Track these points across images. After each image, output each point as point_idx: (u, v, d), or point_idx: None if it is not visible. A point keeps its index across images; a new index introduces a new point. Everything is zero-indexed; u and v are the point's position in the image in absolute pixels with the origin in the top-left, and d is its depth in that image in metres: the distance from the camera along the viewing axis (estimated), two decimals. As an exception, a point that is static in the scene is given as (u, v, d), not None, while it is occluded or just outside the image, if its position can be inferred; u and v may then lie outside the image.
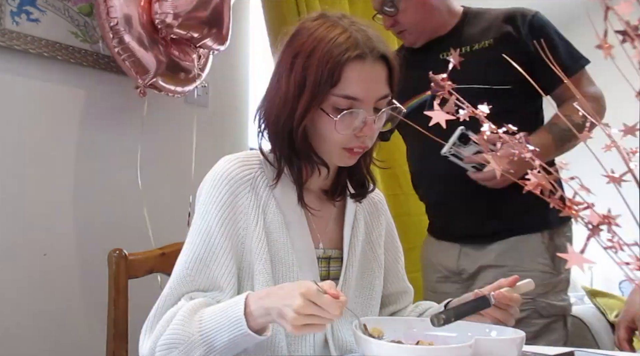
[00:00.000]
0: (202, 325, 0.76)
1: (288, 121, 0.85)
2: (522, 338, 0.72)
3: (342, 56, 0.81)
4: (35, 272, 1.36)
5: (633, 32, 0.35)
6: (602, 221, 0.38)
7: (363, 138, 0.86)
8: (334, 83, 0.82)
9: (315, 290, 0.67)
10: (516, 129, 0.46)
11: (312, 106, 0.83)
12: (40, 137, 1.40)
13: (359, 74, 0.83)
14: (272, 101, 0.88)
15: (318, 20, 0.87)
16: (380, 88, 0.86)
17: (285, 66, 0.86)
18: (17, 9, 1.34)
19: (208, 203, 0.86)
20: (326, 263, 0.94)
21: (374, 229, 1.02)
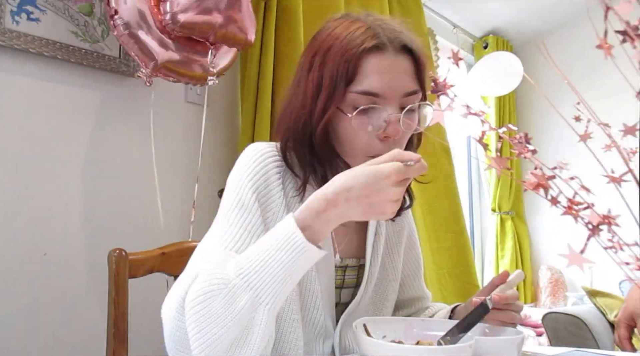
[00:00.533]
0: (240, 267, 0.62)
1: (307, 123, 0.79)
2: (522, 338, 0.72)
3: (358, 48, 0.74)
4: (35, 272, 1.36)
5: (633, 32, 0.35)
6: (602, 221, 0.38)
7: (389, 142, 0.76)
8: (351, 78, 0.75)
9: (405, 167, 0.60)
10: (516, 129, 0.46)
11: (329, 106, 0.76)
12: (40, 137, 1.40)
13: (378, 66, 0.75)
14: (292, 105, 0.82)
15: (340, 19, 0.82)
16: (405, 82, 0.77)
17: (304, 67, 0.81)
18: (17, 8, 1.34)
19: (241, 181, 0.78)
20: (342, 272, 0.90)
21: (395, 237, 0.98)
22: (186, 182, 1.70)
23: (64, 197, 1.43)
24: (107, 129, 1.54)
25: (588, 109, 0.43)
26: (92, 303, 1.43)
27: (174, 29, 1.34)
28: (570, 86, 0.44)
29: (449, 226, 2.59)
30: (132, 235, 1.54)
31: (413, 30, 0.83)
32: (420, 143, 0.90)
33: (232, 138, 1.90)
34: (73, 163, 1.45)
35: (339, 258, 0.88)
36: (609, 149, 0.42)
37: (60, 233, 1.41)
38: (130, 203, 1.55)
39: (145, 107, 1.63)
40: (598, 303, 2.32)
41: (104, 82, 1.53)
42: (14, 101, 1.35)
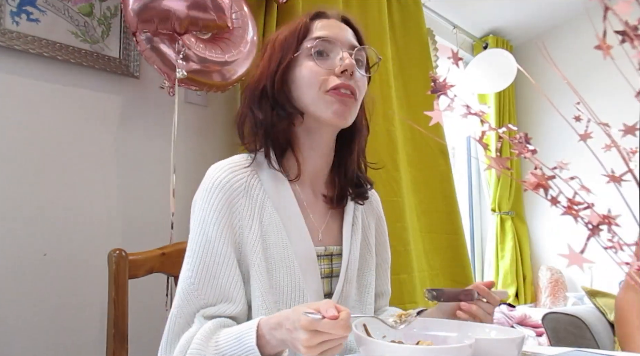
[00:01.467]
0: (217, 351, 0.74)
1: (263, 81, 0.87)
2: (522, 338, 0.72)
3: (305, 17, 0.88)
4: (35, 272, 1.36)
5: (632, 32, 0.35)
6: (602, 221, 0.38)
7: (346, 75, 0.84)
8: (303, 36, 0.86)
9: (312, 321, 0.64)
10: (516, 129, 0.46)
11: (283, 60, 0.86)
12: (40, 137, 1.40)
13: (325, 24, 0.88)
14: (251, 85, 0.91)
15: None
16: (350, 38, 0.89)
17: (260, 56, 0.93)
18: (17, 9, 1.34)
19: (204, 214, 0.83)
20: (328, 260, 0.92)
21: (370, 228, 1.02)
22: (186, 182, 1.69)
23: (64, 197, 1.43)
24: (106, 129, 1.53)
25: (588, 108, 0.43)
26: (92, 303, 1.43)
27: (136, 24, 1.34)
28: (570, 86, 0.44)
29: (444, 227, 2.59)
30: (132, 235, 1.54)
31: (412, 31, 0.93)
32: (369, 131, 0.98)
33: (232, 138, 1.90)
34: (73, 163, 1.45)
35: (322, 245, 0.91)
36: (608, 149, 0.42)
37: (60, 233, 1.41)
38: (130, 203, 1.55)
39: (145, 107, 1.63)
40: (598, 303, 2.33)
41: (103, 83, 1.53)
42: (14, 102, 1.35)
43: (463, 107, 0.48)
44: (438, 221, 2.58)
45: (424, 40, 2.72)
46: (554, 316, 2.27)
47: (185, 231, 1.60)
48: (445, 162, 2.65)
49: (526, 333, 2.76)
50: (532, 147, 0.45)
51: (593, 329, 2.13)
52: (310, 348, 0.65)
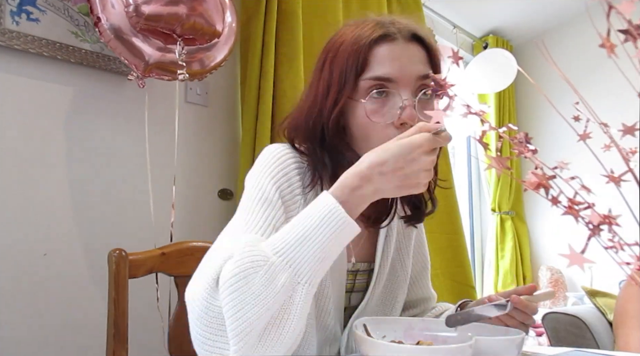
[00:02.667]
0: (275, 246, 0.60)
1: (318, 120, 0.78)
2: (522, 338, 0.72)
3: (367, 39, 0.74)
4: (35, 272, 1.36)
5: (636, 31, 0.35)
6: (602, 221, 0.38)
7: (405, 129, 0.72)
8: (361, 68, 0.74)
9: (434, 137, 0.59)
10: (516, 128, 0.46)
11: (340, 97, 0.75)
12: (40, 137, 1.40)
13: (389, 53, 0.74)
14: (303, 105, 0.82)
15: (351, 22, 0.82)
16: (417, 66, 0.75)
17: (317, 68, 0.81)
18: (17, 8, 1.34)
19: (264, 178, 0.76)
20: (353, 276, 0.89)
21: (405, 240, 0.98)
22: (186, 182, 1.70)
23: (64, 197, 1.43)
24: (106, 129, 1.53)
25: (588, 108, 0.43)
26: (92, 303, 1.43)
27: (138, 22, 1.32)
28: (570, 85, 0.44)
29: (444, 227, 2.59)
30: (133, 235, 1.53)
31: None
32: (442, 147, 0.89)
33: (232, 138, 1.90)
34: (73, 163, 1.45)
35: (353, 261, 0.87)
36: (608, 149, 0.42)
37: (60, 233, 1.41)
38: (130, 204, 1.55)
39: (145, 107, 1.63)
40: (598, 303, 2.33)
41: (104, 83, 1.53)
42: (14, 101, 1.35)
43: (463, 106, 0.48)
44: (438, 221, 2.58)
45: (424, 40, 2.71)
46: (554, 316, 2.27)
47: (185, 231, 1.61)
48: (445, 161, 2.64)
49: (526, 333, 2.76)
50: (533, 147, 0.45)
51: (593, 329, 2.14)
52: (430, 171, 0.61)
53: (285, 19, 1.88)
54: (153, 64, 1.35)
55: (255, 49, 1.81)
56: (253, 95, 1.80)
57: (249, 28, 1.85)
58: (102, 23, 1.29)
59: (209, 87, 1.83)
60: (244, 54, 1.87)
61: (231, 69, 1.92)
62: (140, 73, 1.35)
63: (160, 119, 1.67)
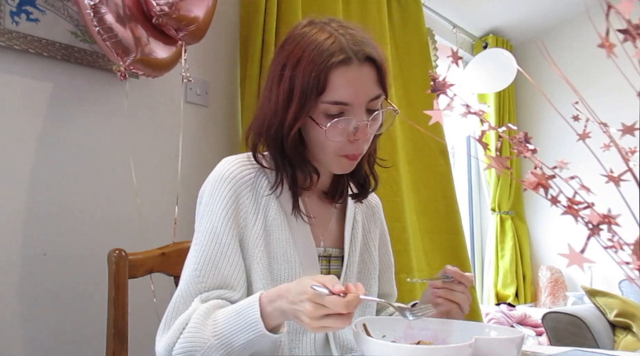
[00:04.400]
0: (216, 329, 0.76)
1: (279, 131, 0.85)
2: (521, 337, 0.72)
3: (326, 63, 0.80)
4: (35, 272, 1.36)
5: (635, 31, 0.35)
6: (602, 221, 0.38)
7: (357, 144, 0.84)
8: (321, 90, 0.81)
9: (318, 294, 0.66)
10: (516, 128, 0.46)
11: (300, 115, 0.82)
12: (40, 137, 1.40)
13: (345, 78, 0.81)
14: (264, 111, 0.88)
15: (306, 27, 0.87)
16: (370, 89, 0.84)
17: (275, 76, 0.86)
18: (16, 8, 1.34)
19: (212, 203, 0.86)
20: (327, 262, 0.95)
21: (371, 232, 1.04)
22: (186, 182, 1.69)
23: (64, 197, 1.43)
24: (106, 129, 1.53)
25: (587, 108, 0.43)
26: (92, 303, 1.43)
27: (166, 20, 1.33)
28: (570, 85, 0.44)
29: (444, 227, 2.59)
30: (132, 235, 1.53)
31: (412, 31, 0.89)
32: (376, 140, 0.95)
33: (232, 138, 1.90)
34: (74, 163, 1.45)
35: (322, 245, 0.94)
36: (607, 149, 0.42)
37: (60, 233, 1.41)
38: (130, 204, 1.55)
39: (145, 107, 1.63)
40: (598, 303, 2.33)
41: (104, 83, 1.53)
42: (14, 101, 1.35)
43: (463, 106, 0.48)
44: (438, 220, 2.58)
45: (424, 40, 2.71)
46: (554, 315, 2.27)
47: (185, 231, 1.60)
48: (445, 161, 2.64)
49: (526, 333, 2.76)
50: (532, 147, 0.45)
51: (593, 328, 2.14)
52: (313, 320, 0.67)
53: (285, 18, 1.88)
54: (138, 59, 1.35)
55: (255, 49, 1.81)
56: (253, 95, 1.80)
57: (249, 28, 1.85)
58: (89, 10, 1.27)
59: (209, 87, 1.83)
60: (243, 53, 1.87)
61: (231, 69, 1.92)
62: (125, 65, 1.34)
63: (162, 119, 1.67)
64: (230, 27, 1.88)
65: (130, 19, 1.34)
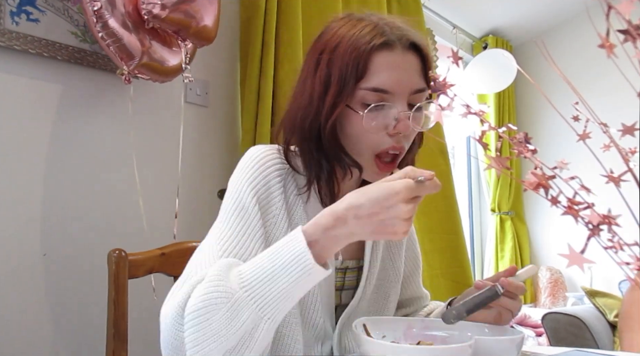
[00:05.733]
0: (243, 278, 0.61)
1: (315, 122, 0.78)
2: (521, 338, 0.72)
3: (367, 45, 0.74)
4: (35, 272, 1.36)
5: (635, 32, 0.35)
6: (602, 221, 0.38)
7: (398, 138, 0.77)
8: (360, 75, 0.74)
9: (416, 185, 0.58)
10: (516, 128, 0.46)
11: (338, 102, 0.75)
12: (40, 137, 1.40)
13: (387, 63, 0.75)
14: (298, 103, 0.81)
15: (344, 18, 0.82)
16: (414, 80, 0.77)
17: (311, 65, 0.80)
18: (16, 9, 1.34)
19: (241, 184, 0.78)
20: (342, 274, 0.90)
21: (396, 241, 0.98)
22: (186, 182, 1.70)
23: (64, 197, 1.43)
24: (107, 129, 1.53)
25: (587, 108, 0.43)
26: (92, 303, 1.43)
27: (152, 22, 1.33)
28: (570, 85, 0.44)
29: (443, 227, 2.59)
30: (133, 235, 1.53)
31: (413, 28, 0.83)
32: (422, 142, 0.89)
33: (232, 138, 1.90)
34: (74, 164, 1.45)
35: (340, 258, 0.88)
36: (607, 149, 0.42)
37: (60, 233, 1.41)
38: (131, 203, 1.55)
39: (145, 107, 1.63)
40: (597, 303, 2.33)
41: (104, 83, 1.53)
42: (14, 102, 1.35)
43: (463, 106, 0.48)
44: (438, 221, 2.58)
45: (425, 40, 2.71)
46: (554, 316, 2.27)
47: (185, 231, 1.61)
48: (444, 161, 2.64)
49: (526, 333, 2.76)
50: (532, 147, 0.45)
51: (593, 329, 2.14)
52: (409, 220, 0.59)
53: (285, 18, 1.88)
54: (143, 64, 1.35)
55: (255, 49, 1.81)
56: (253, 95, 1.80)
57: (249, 28, 1.85)
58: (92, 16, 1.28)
59: (209, 87, 1.83)
60: (243, 54, 1.87)
61: (231, 69, 1.92)
62: (129, 69, 1.34)
63: (162, 120, 1.67)
64: (230, 27, 1.88)
65: (134, 24, 1.34)
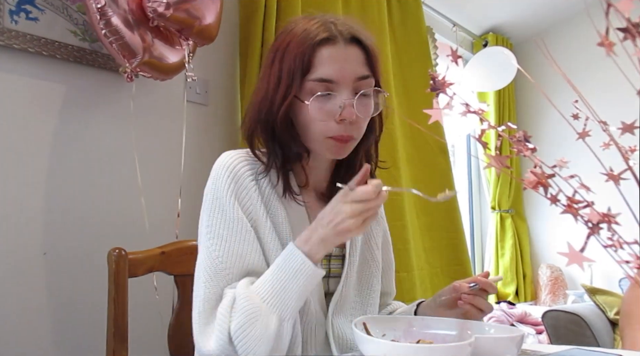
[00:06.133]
0: (261, 293, 0.76)
1: (269, 114, 0.86)
2: (521, 336, 0.72)
3: (312, 41, 0.82)
4: (35, 272, 1.36)
5: (634, 30, 0.35)
6: (602, 220, 0.38)
7: (345, 125, 0.83)
8: (306, 69, 0.82)
9: (349, 191, 0.73)
10: (515, 127, 0.46)
11: (288, 94, 0.83)
12: (40, 137, 1.40)
13: (330, 56, 0.82)
14: (256, 98, 0.89)
15: (299, 19, 0.89)
16: (356, 69, 0.84)
17: (267, 63, 0.89)
18: (15, 7, 1.34)
19: (217, 195, 0.85)
20: (327, 261, 0.94)
21: (372, 231, 1.03)
22: (186, 181, 1.69)
23: (65, 196, 1.43)
24: (107, 128, 1.53)
25: (587, 106, 0.43)
26: (92, 303, 1.43)
27: (157, 19, 1.33)
28: (569, 83, 0.44)
29: (444, 225, 2.59)
30: (134, 234, 1.53)
31: (411, 29, 0.90)
32: (382, 129, 0.95)
33: (232, 137, 1.90)
34: (75, 162, 1.45)
35: None
36: (607, 147, 0.42)
37: (60, 233, 1.41)
38: (131, 203, 1.55)
39: (147, 106, 1.63)
40: (598, 301, 2.33)
41: (104, 82, 1.53)
42: (13, 101, 1.35)
43: (462, 105, 0.48)
44: (438, 219, 2.58)
45: (424, 38, 2.71)
46: (554, 314, 2.27)
47: (185, 230, 1.61)
48: (445, 160, 2.64)
49: (526, 331, 2.76)
50: (532, 146, 0.45)
51: (593, 327, 2.14)
52: (357, 218, 0.72)
53: (285, 17, 1.87)
54: (145, 61, 1.35)
55: (255, 48, 1.81)
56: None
57: (249, 26, 1.85)
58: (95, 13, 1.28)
59: (209, 86, 1.83)
60: (243, 52, 1.87)
61: (231, 68, 1.92)
62: (132, 67, 1.35)
63: (164, 118, 1.67)
64: (230, 25, 1.88)
65: (136, 21, 1.35)
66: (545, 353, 0.84)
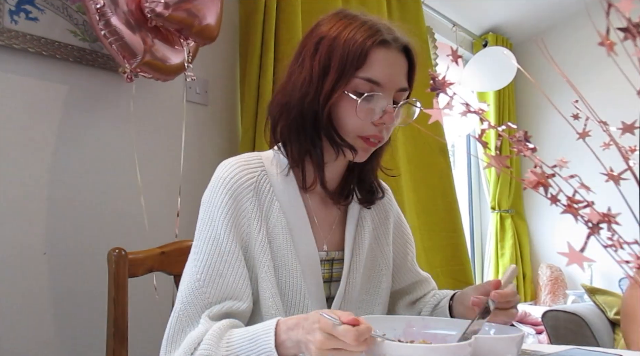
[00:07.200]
0: (229, 352, 0.72)
1: (314, 101, 0.83)
2: (521, 336, 0.72)
3: (368, 39, 0.81)
4: (35, 272, 1.36)
5: (635, 30, 0.35)
6: (602, 220, 0.38)
7: (381, 127, 0.84)
8: (360, 65, 0.81)
9: (331, 323, 0.63)
10: (515, 127, 0.46)
11: (337, 86, 0.82)
12: (40, 136, 1.40)
13: (384, 59, 0.82)
14: (293, 83, 0.86)
15: (338, 14, 0.88)
16: (402, 78, 0.86)
17: (309, 50, 0.86)
18: (15, 7, 1.34)
19: (211, 210, 0.84)
20: (329, 265, 0.93)
21: (381, 227, 1.01)
22: (186, 181, 1.69)
23: (65, 196, 1.43)
24: (107, 128, 1.53)
25: (587, 106, 0.43)
26: (92, 303, 1.43)
27: (155, 20, 1.33)
28: (569, 84, 0.44)
29: (443, 225, 2.59)
30: (134, 234, 1.54)
31: (411, 29, 0.90)
32: (390, 141, 0.94)
33: (232, 137, 1.90)
34: (75, 162, 1.45)
35: (325, 248, 0.92)
36: (607, 147, 0.42)
37: (60, 232, 1.41)
38: (131, 202, 1.55)
39: (146, 106, 1.63)
40: (598, 301, 2.33)
41: (104, 82, 1.53)
42: (13, 101, 1.35)
43: (462, 105, 0.48)
44: (438, 219, 2.58)
45: (424, 38, 2.71)
46: (554, 314, 2.27)
47: (185, 230, 1.61)
48: (444, 160, 2.64)
49: (526, 331, 2.77)
50: (532, 146, 0.45)
51: (593, 327, 2.14)
52: (322, 351, 0.64)
53: (285, 17, 1.87)
54: (145, 62, 1.35)
55: (255, 48, 1.81)
56: (252, 94, 1.80)
57: (248, 26, 1.85)
58: (94, 14, 1.28)
59: (209, 86, 1.83)
60: (243, 52, 1.87)
61: (231, 67, 1.92)
62: (132, 67, 1.34)
63: (164, 118, 1.67)
64: (229, 25, 1.88)
65: (136, 22, 1.34)
66: (545, 353, 0.84)
